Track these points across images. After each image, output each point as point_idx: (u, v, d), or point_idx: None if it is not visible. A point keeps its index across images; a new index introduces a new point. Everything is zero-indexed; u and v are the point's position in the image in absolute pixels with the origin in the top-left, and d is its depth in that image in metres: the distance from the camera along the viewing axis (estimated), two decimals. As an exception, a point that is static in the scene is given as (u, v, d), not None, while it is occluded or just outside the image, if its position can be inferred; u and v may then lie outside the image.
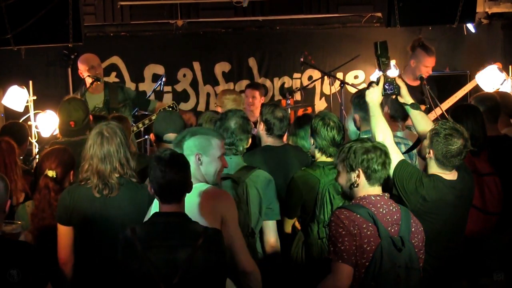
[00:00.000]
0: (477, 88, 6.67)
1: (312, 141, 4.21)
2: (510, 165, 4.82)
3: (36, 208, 3.94)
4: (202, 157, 3.51)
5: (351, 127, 4.70)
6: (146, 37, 7.98)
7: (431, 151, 3.70)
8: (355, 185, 3.41)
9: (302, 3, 7.72)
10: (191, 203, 3.34)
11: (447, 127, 3.69)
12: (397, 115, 4.75)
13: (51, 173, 3.95)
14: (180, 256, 3.04)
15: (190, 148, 3.52)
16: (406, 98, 3.96)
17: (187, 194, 3.22)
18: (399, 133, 4.64)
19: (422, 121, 3.95)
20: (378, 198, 3.38)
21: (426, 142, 3.75)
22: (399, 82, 3.95)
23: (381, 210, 3.34)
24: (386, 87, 3.89)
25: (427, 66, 6.44)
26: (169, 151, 3.19)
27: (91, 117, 4.94)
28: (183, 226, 3.13)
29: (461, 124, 4.60)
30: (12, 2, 5.44)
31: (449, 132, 3.66)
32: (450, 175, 3.72)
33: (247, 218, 3.87)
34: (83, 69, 6.38)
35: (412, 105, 3.94)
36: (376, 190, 3.42)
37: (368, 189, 3.40)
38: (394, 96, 3.98)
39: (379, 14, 7.58)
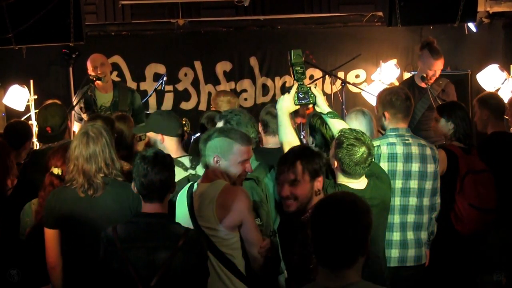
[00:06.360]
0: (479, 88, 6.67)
1: (311, 140, 4.16)
2: (508, 161, 4.83)
3: (40, 205, 3.92)
4: (221, 160, 3.43)
5: (353, 125, 4.68)
6: (147, 36, 7.98)
7: (335, 162, 3.60)
8: None
9: (303, 2, 7.71)
10: (206, 199, 3.35)
11: (348, 136, 3.57)
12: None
13: (56, 171, 3.93)
14: (159, 258, 3.05)
15: (212, 148, 3.45)
16: (322, 107, 3.80)
17: (204, 189, 3.26)
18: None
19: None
20: None
21: (331, 153, 3.65)
22: (315, 91, 3.78)
23: None
24: (301, 96, 3.74)
25: (432, 69, 6.32)
26: (154, 150, 3.20)
27: (69, 123, 4.96)
28: (164, 227, 3.13)
29: (448, 121, 4.63)
30: (13, 1, 5.44)
31: (351, 142, 3.54)
32: (358, 184, 3.60)
33: (269, 219, 3.75)
34: (89, 69, 6.49)
35: (329, 114, 3.82)
36: None
37: None
38: (310, 106, 3.83)
39: (380, 13, 7.57)
